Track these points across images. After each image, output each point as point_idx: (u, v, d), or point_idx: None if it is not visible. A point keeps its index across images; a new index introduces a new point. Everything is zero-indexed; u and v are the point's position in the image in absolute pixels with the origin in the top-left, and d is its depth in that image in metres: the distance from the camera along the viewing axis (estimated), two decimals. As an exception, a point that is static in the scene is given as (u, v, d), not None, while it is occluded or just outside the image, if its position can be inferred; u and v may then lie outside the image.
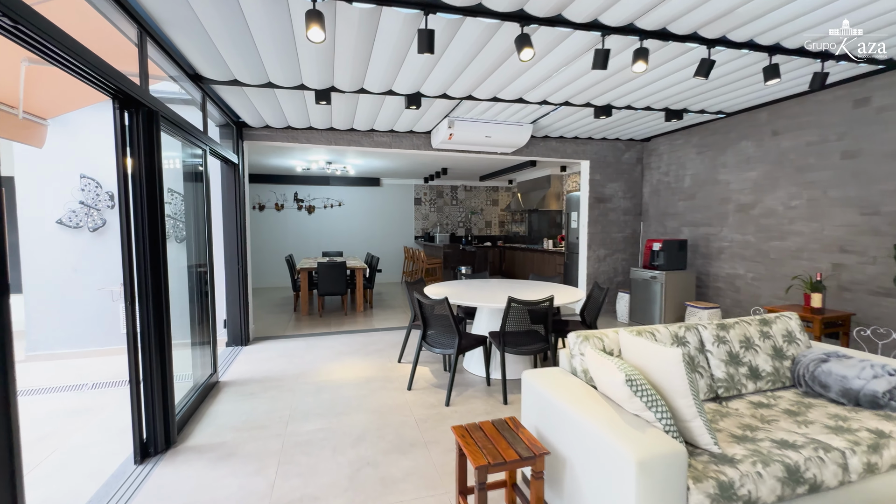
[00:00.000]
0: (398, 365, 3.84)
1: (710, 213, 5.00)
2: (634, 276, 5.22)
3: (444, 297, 3.01)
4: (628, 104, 4.10)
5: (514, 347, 3.09)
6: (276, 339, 4.73)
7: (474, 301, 3.23)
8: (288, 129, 4.66)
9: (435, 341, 3.23)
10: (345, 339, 4.71)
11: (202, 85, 3.21)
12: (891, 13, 2.42)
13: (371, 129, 4.83)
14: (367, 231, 9.45)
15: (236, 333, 4.45)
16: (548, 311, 3.07)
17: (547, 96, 3.79)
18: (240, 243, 4.41)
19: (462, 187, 10.01)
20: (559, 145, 5.62)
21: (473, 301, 3.23)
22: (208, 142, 3.30)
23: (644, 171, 6.05)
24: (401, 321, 5.60)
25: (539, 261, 7.78)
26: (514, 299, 2.96)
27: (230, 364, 3.90)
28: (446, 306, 2.99)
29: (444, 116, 4.44)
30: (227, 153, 3.98)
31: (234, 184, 4.35)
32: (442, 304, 3.02)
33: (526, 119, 4.62)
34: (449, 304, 2.99)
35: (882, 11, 2.39)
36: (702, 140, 5.10)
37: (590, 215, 5.84)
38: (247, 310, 4.54)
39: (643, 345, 1.74)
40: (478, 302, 3.20)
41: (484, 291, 3.70)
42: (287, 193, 8.94)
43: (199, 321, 3.31)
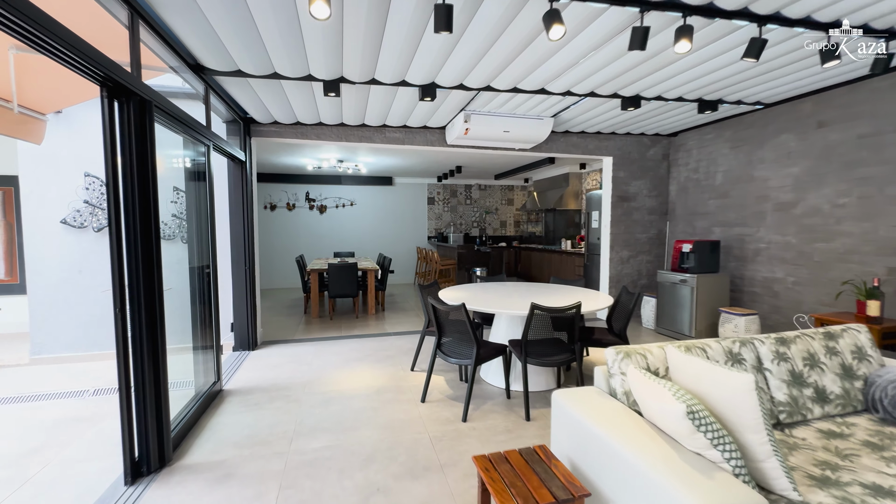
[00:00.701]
0: (411, 373, 3.61)
1: (746, 213, 4.65)
2: (662, 280, 4.90)
3: (460, 302, 2.77)
4: (659, 94, 3.80)
5: (537, 358, 2.83)
6: (284, 344, 4.56)
7: (493, 307, 2.99)
8: (297, 124, 4.47)
9: (451, 350, 2.99)
10: (355, 344, 4.51)
11: (204, 76, 3.04)
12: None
13: (383, 124, 4.62)
14: (379, 231, 9.27)
15: (243, 338, 4.29)
16: (574, 319, 2.81)
17: (571, 86, 3.52)
18: (247, 244, 4.24)
19: (476, 186, 9.76)
20: (580, 141, 5.33)
21: (492, 307, 2.98)
22: (212, 137, 3.12)
23: (670, 168, 5.71)
24: (413, 325, 5.38)
25: (557, 262, 7.48)
26: (538, 306, 2.70)
27: (236, 370, 3.73)
28: (463, 313, 2.75)
29: (459, 110, 4.20)
30: (233, 150, 3.81)
31: (241, 182, 4.18)
32: (458, 311, 2.78)
33: (546, 112, 4.35)
34: (466, 311, 2.75)
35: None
36: (736, 134, 4.75)
37: (612, 215, 5.53)
38: (254, 313, 4.37)
39: (702, 367, 1.47)
40: (497, 308, 2.95)
41: (503, 296, 3.45)
42: (298, 193, 8.81)
43: (201, 325, 3.14)
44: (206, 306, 3.15)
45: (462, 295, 3.44)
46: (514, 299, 3.31)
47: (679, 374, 1.58)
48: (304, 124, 4.48)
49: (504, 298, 3.35)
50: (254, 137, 4.39)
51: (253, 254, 4.35)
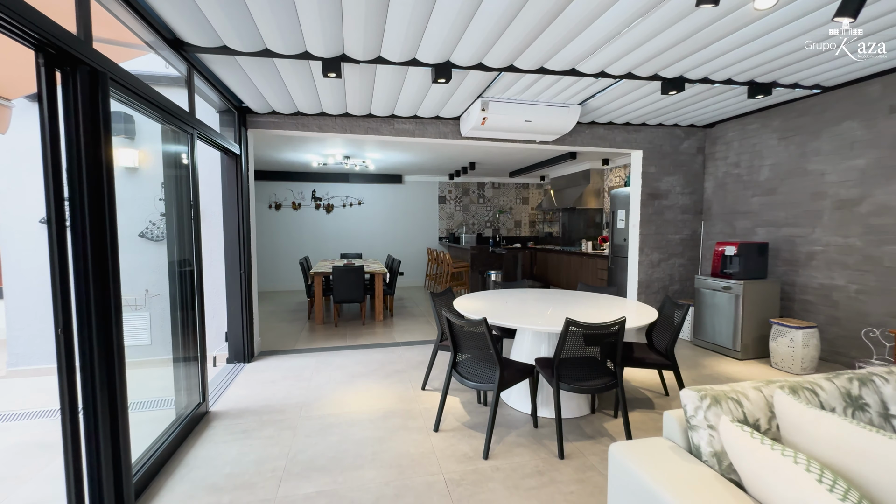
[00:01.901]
0: (422, 393, 3.19)
1: (797, 211, 4.14)
2: (700, 286, 4.40)
3: (481, 316, 2.34)
4: (705, 76, 3.32)
5: (572, 383, 2.38)
6: (284, 355, 4.17)
7: (519, 321, 2.55)
8: (297, 115, 4.08)
9: (468, 371, 2.56)
10: (361, 356, 4.10)
11: (186, 54, 2.65)
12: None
13: (391, 114, 4.21)
14: (388, 231, 8.87)
15: (238, 348, 3.91)
16: (618, 337, 2.36)
17: (606, 66, 3.06)
18: (243, 245, 3.87)
19: (490, 184, 9.30)
20: (607, 133, 4.86)
21: (518, 321, 2.55)
22: (197, 125, 2.74)
23: (706, 163, 5.20)
24: (424, 334, 4.96)
25: (577, 265, 7.00)
26: (574, 322, 2.26)
27: (227, 386, 3.35)
28: (485, 329, 2.32)
29: (475, 97, 3.77)
30: (226, 142, 3.43)
31: (236, 177, 3.80)
32: (479, 326, 2.35)
33: (573, 100, 3.90)
34: (488, 327, 2.32)
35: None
36: (785, 123, 4.24)
37: (642, 214, 5.04)
38: (251, 321, 3.99)
39: (846, 431, 1.02)
40: (524, 323, 2.51)
41: (527, 307, 3.00)
42: (304, 191, 8.46)
43: (184, 336, 2.76)
44: (191, 313, 2.77)
45: (480, 306, 3.00)
46: (540, 311, 2.87)
47: (801, 435, 1.13)
48: (304, 114, 4.09)
49: (529, 309, 2.91)
50: (250, 129, 4.01)
51: (249, 256, 3.97)
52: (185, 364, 2.77)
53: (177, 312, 2.72)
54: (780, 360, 3.70)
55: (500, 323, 2.50)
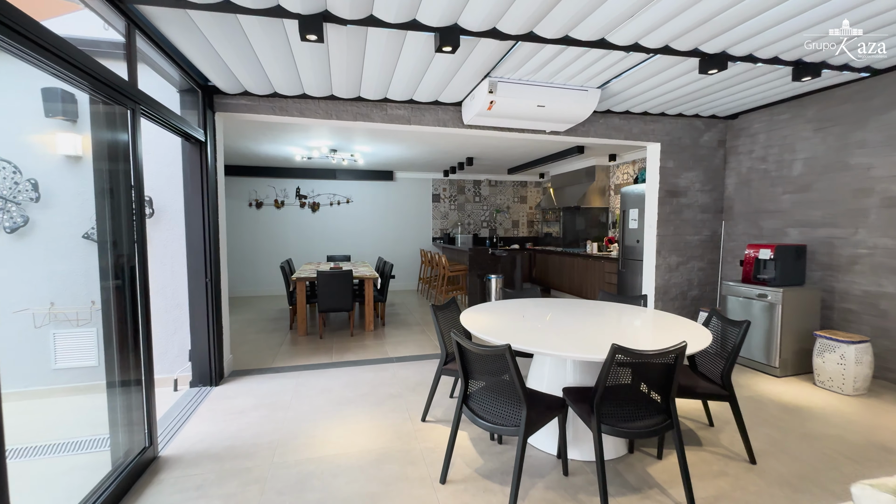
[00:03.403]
0: (422, 426, 2.67)
1: (837, 210, 3.72)
2: (729, 293, 3.96)
3: (503, 343, 1.82)
4: (750, 52, 2.86)
5: (617, 424, 1.89)
6: (259, 375, 3.60)
7: (547, 344, 2.04)
8: (275, 96, 3.52)
9: (484, 408, 2.04)
10: (348, 376, 3.56)
11: (123, 5, 2.08)
12: None
13: (384, 98, 3.67)
14: (378, 232, 8.31)
15: (203, 369, 3.33)
16: (675, 367, 1.86)
17: (641, 36, 2.58)
18: (209, 248, 3.29)
19: (487, 182, 8.81)
20: (623, 123, 4.39)
21: (545, 344, 2.04)
22: (140, 99, 2.17)
23: (727, 157, 4.77)
24: (420, 346, 4.43)
25: (581, 268, 6.54)
26: (623, 349, 1.76)
27: (186, 419, 2.77)
28: (509, 359, 1.81)
29: (482, 77, 3.26)
30: (186, 125, 2.86)
31: (200, 168, 3.23)
32: (502, 357, 1.84)
33: (592, 82, 3.41)
34: (513, 357, 1.81)
35: None
36: (823, 112, 3.82)
37: (659, 213, 4.59)
38: (219, 337, 3.41)
39: None
40: (554, 347, 2.00)
41: (548, 322, 2.50)
42: (288, 188, 7.86)
43: (121, 356, 2.19)
44: (133, 329, 2.21)
45: (491, 322, 2.49)
46: (567, 328, 2.36)
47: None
48: (283, 96, 3.52)
49: (551, 326, 2.40)
50: (218, 113, 3.43)
51: (218, 261, 3.40)
52: (126, 393, 2.20)
53: (112, 327, 2.15)
54: (828, 378, 3.27)
55: (525, 348, 1.98)
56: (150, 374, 2.30)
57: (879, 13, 2.36)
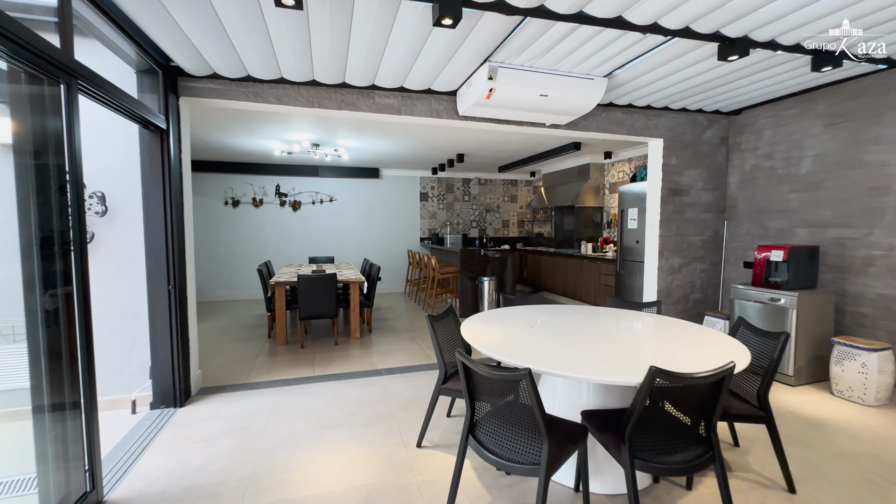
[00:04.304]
0: (418, 453, 2.35)
1: (849, 209, 3.55)
2: (738, 297, 3.76)
3: (523, 367, 1.52)
4: (772, 38, 2.64)
5: (652, 459, 1.61)
6: (232, 392, 3.22)
7: (563, 365, 1.75)
8: (249, 80, 3.14)
9: (495, 441, 1.73)
10: (333, 392, 3.21)
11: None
12: None
13: (372, 84, 3.33)
14: (363, 232, 7.94)
15: (166, 388, 2.93)
16: (720, 391, 1.59)
17: (661, 15, 2.32)
18: (172, 251, 2.89)
19: (476, 180, 8.52)
20: (625, 117, 4.15)
21: (561, 365, 1.74)
22: (78, 71, 1.79)
23: (730, 155, 4.59)
24: (410, 356, 4.10)
25: (575, 269, 6.32)
26: (663, 372, 1.48)
27: (142, 450, 2.39)
28: (529, 386, 1.51)
29: (481, 61, 2.96)
30: (142, 110, 2.47)
31: (161, 160, 2.83)
32: (519, 382, 1.53)
33: (599, 70, 3.15)
34: (534, 385, 1.51)
35: None
36: (834, 107, 3.64)
37: (662, 212, 4.37)
38: (185, 351, 3.02)
39: None
40: (573, 368, 1.70)
41: (561, 335, 2.21)
42: (267, 186, 7.41)
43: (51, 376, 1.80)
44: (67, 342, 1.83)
45: (495, 335, 2.19)
46: (583, 343, 2.08)
47: None
48: (258, 80, 3.15)
49: (566, 340, 2.11)
50: (183, 98, 3.04)
51: (183, 265, 3.00)
52: (59, 421, 1.82)
53: (39, 342, 1.77)
54: (847, 387, 3.08)
55: (544, 369, 1.68)
56: (92, 398, 1.92)
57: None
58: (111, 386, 2.91)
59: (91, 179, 2.80)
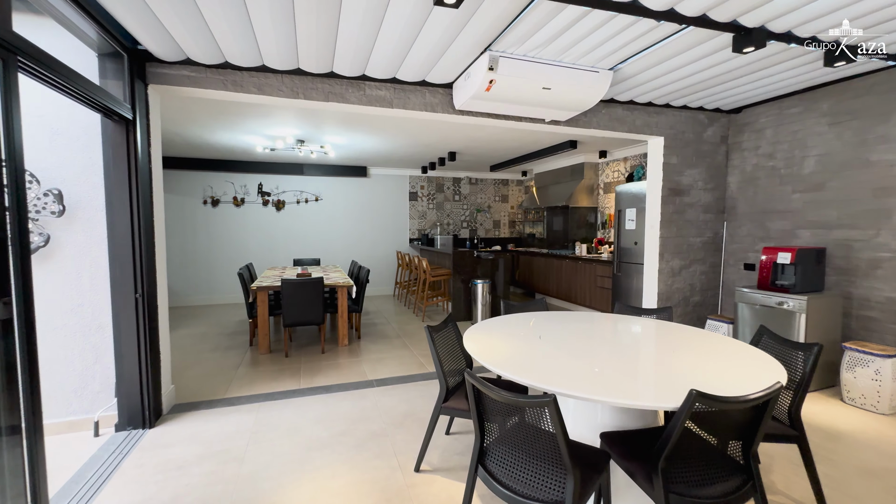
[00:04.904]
0: (416, 479, 2.12)
1: (855, 210, 3.46)
2: (743, 300, 3.64)
3: (549, 393, 1.32)
4: (790, 29, 2.50)
5: (688, 492, 1.42)
6: (209, 409, 2.94)
7: (584, 386, 1.55)
8: (226, 67, 2.87)
9: (509, 473, 1.52)
10: (320, 407, 2.96)
11: None
12: None
13: (362, 74, 3.09)
14: (350, 232, 7.66)
15: (134, 408, 2.64)
16: (764, 415, 1.42)
17: (679, 0, 2.15)
18: (141, 254, 2.61)
19: (467, 180, 8.32)
20: (626, 114, 4.00)
21: (583, 386, 1.55)
22: (18, 45, 1.52)
23: (730, 154, 4.49)
24: (403, 364, 3.87)
25: (570, 271, 6.17)
26: (704, 396, 1.29)
27: (103, 481, 2.10)
28: (553, 416, 1.30)
29: (482, 49, 2.75)
30: (104, 97, 2.19)
31: (127, 153, 2.54)
32: (543, 409, 1.33)
33: (605, 62, 2.97)
34: (559, 413, 1.30)
35: None
36: (839, 105, 3.55)
37: (663, 213, 4.24)
38: (155, 366, 2.73)
39: None
40: (596, 391, 1.51)
41: (574, 347, 2.01)
42: (249, 184, 7.07)
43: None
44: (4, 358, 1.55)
45: (500, 348, 1.98)
46: (601, 357, 1.89)
47: None
48: (237, 67, 2.88)
49: (582, 354, 1.92)
50: (153, 85, 2.75)
51: (152, 271, 2.72)
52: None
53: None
54: (859, 395, 2.97)
55: (564, 391, 1.48)
56: (37, 423, 1.63)
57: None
58: (70, 406, 2.60)
59: (46, 175, 2.49)
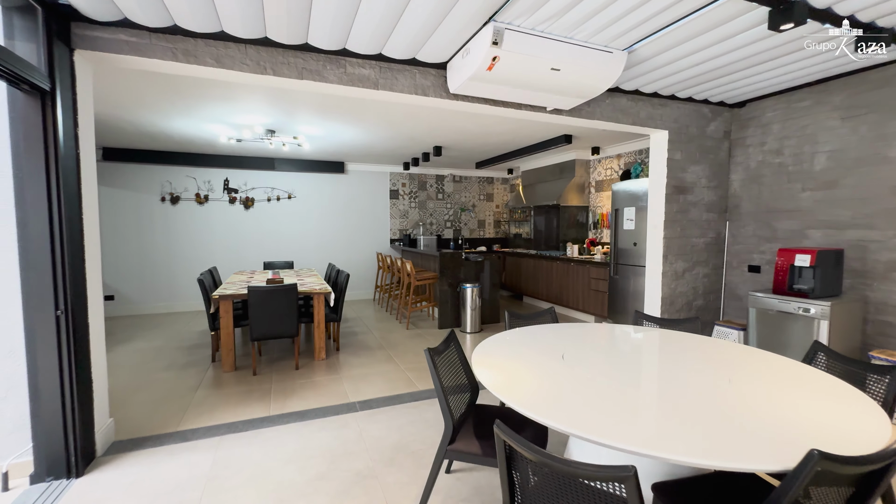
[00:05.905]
0: (416, 540, 1.71)
1: (870, 209, 3.27)
2: (758, 305, 3.39)
3: (628, 467, 0.94)
4: (828, 5, 2.22)
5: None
6: (157, 448, 2.42)
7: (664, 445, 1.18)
8: (176, 32, 2.36)
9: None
10: (294, 440, 2.49)
11: None
12: None
13: (343, 48, 2.64)
14: (326, 233, 7.13)
15: (55, 452, 2.10)
16: (885, 475, 1.08)
17: (724, -40, 1.82)
18: (63, 261, 2.08)
19: (451, 177, 7.92)
20: (630, 105, 3.70)
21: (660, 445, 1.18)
22: None
23: (733, 150, 4.27)
24: (389, 382, 3.43)
25: (561, 273, 5.87)
26: (829, 456, 0.94)
27: (2, 564, 1.59)
28: (633, 493, 0.92)
29: (483, 21, 2.36)
30: (7, 60, 1.67)
31: (43, 134, 2.01)
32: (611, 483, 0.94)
33: (620, 41, 2.63)
34: (639, 488, 0.92)
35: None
36: (852, 98, 3.36)
37: (667, 212, 3.97)
38: (84, 398, 2.20)
39: None
40: (678, 450, 1.14)
41: (617, 377, 1.64)
42: (213, 180, 6.44)
43: None
44: None
45: (520, 378, 1.60)
46: (648, 388, 1.53)
47: None
48: (189, 33, 2.37)
49: (624, 384, 1.56)
50: (81, 51, 2.22)
51: (81, 280, 2.19)
52: None
53: None
54: (889, 409, 2.74)
55: (633, 448, 1.11)
56: None
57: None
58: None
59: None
